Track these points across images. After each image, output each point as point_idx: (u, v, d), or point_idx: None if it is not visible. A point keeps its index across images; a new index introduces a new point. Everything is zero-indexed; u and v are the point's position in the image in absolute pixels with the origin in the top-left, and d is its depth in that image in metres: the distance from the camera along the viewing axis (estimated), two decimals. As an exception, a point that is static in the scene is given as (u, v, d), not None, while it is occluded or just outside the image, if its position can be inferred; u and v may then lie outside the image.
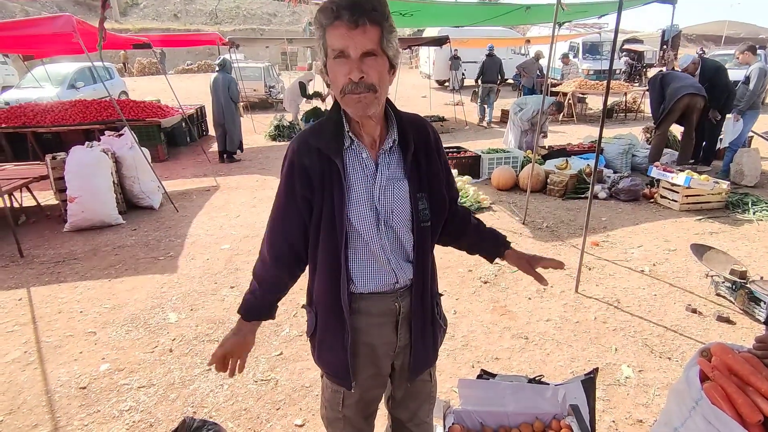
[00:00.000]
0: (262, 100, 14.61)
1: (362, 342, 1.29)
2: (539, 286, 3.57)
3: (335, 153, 1.17)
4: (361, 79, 1.05)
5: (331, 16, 1.02)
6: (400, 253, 1.27)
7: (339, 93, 1.10)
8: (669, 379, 2.53)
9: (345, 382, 1.30)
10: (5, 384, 2.58)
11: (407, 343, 1.33)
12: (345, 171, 1.18)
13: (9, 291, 3.62)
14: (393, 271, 1.24)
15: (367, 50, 1.04)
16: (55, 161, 4.88)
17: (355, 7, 1.01)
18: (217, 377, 2.61)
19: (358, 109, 1.10)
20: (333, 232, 1.20)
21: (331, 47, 1.06)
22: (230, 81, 7.64)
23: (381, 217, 1.21)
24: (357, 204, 1.19)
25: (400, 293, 1.28)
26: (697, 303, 3.27)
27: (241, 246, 4.42)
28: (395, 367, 1.38)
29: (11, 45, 6.71)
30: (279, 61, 26.24)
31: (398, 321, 1.29)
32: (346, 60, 1.05)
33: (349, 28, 1.02)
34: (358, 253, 1.23)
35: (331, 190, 1.18)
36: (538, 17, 7.29)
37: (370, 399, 1.41)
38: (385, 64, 1.09)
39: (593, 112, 12.90)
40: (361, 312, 1.27)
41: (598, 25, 19.09)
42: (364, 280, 1.24)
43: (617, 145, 6.54)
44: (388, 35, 1.07)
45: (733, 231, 4.52)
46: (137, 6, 38.57)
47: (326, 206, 1.19)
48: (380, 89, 1.09)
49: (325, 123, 1.21)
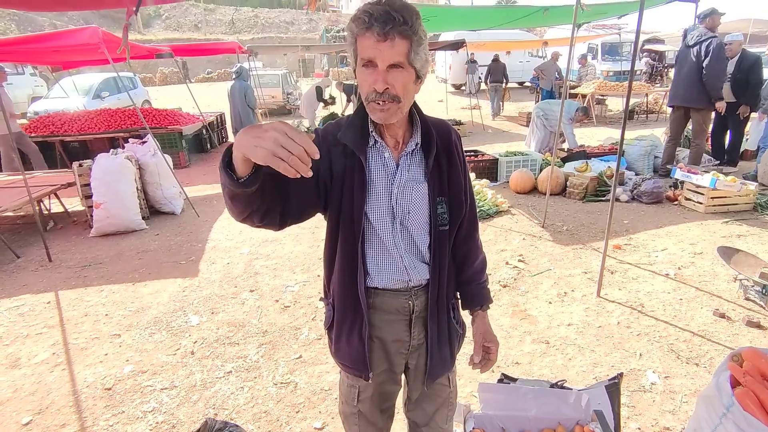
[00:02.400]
0: (281, 106, 14.81)
1: (375, 336, 1.31)
2: (560, 290, 3.51)
3: (360, 149, 1.19)
4: (385, 90, 1.08)
5: (363, 26, 1.05)
6: (415, 253, 1.28)
7: (365, 99, 1.13)
8: (697, 386, 2.45)
9: (362, 372, 1.31)
10: (35, 384, 2.65)
11: (422, 343, 1.34)
12: (367, 167, 1.21)
13: (38, 294, 3.73)
14: (405, 269, 1.26)
15: (394, 62, 1.06)
16: (82, 168, 5.02)
17: (386, 19, 1.03)
18: (237, 380, 2.64)
19: (380, 117, 1.13)
20: (351, 226, 1.22)
21: (360, 55, 1.09)
22: (246, 88, 7.77)
23: (397, 217, 1.23)
24: (375, 201, 1.22)
25: (414, 292, 1.29)
26: (726, 307, 3.17)
27: (260, 250, 4.47)
28: (409, 367, 1.39)
29: (41, 57, 6.96)
30: (297, 68, 26.55)
31: (411, 319, 1.30)
32: (374, 70, 1.08)
33: (378, 40, 1.04)
34: (373, 247, 1.26)
35: (352, 184, 1.20)
36: (557, 19, 7.23)
37: (384, 394, 1.43)
38: (411, 75, 1.11)
39: (613, 114, 12.70)
40: (375, 308, 1.29)
41: (617, 25, 18.79)
42: (378, 275, 1.26)
43: (639, 147, 6.40)
44: (416, 48, 1.08)
45: (762, 233, 4.38)
46: (159, 17, 39.61)
47: (345, 200, 1.21)
48: (404, 100, 1.12)
49: (352, 120, 1.23)
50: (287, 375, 2.68)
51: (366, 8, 1.05)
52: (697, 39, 5.66)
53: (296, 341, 3.01)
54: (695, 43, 5.67)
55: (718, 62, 5.52)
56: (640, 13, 2.97)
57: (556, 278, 3.70)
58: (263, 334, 3.09)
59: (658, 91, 12.17)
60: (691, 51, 5.70)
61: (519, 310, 3.27)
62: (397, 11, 1.03)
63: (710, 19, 5.65)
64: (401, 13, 1.04)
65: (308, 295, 3.57)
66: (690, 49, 5.74)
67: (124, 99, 11.53)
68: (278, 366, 2.77)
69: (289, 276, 3.90)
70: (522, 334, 2.99)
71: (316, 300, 3.47)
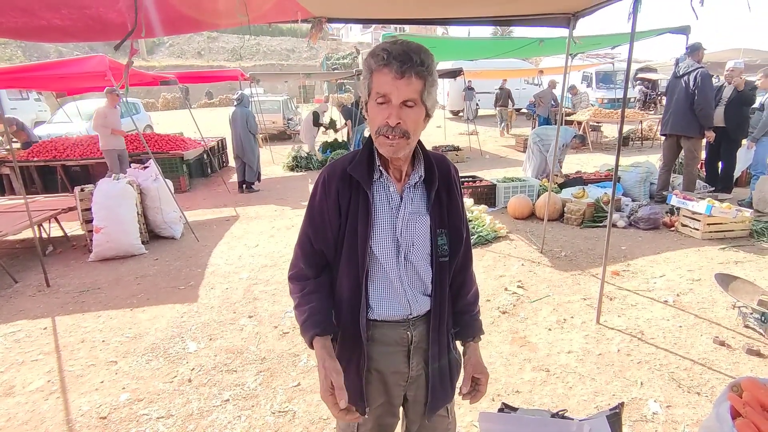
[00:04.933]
0: (281, 131, 15.01)
1: (373, 369, 1.31)
2: (559, 317, 3.51)
3: (367, 183, 1.22)
4: (397, 125, 1.12)
5: (381, 63, 1.10)
6: (417, 286, 1.30)
7: (374, 132, 1.17)
8: (699, 416, 2.43)
9: (359, 407, 1.30)
10: (28, 413, 2.61)
11: (420, 374, 1.34)
12: (372, 202, 1.24)
13: (35, 320, 3.70)
14: (408, 303, 1.28)
15: (408, 99, 1.12)
16: (83, 193, 5.06)
17: (405, 59, 1.09)
18: (234, 408, 2.61)
19: (389, 151, 1.17)
20: (355, 260, 1.24)
21: (375, 90, 1.14)
22: (248, 114, 7.91)
23: (402, 250, 1.26)
24: (380, 235, 1.25)
25: (412, 322, 1.30)
26: (725, 335, 3.16)
27: (259, 275, 4.47)
28: (408, 399, 1.39)
29: (48, 84, 7.10)
30: (297, 95, 27.01)
31: (410, 350, 1.31)
32: (387, 105, 1.13)
33: (395, 77, 1.09)
34: (376, 281, 1.27)
35: (356, 218, 1.23)
36: (552, 50, 7.43)
37: (383, 426, 1.42)
38: (422, 113, 1.17)
39: (608, 140, 12.88)
40: (374, 340, 1.30)
41: (611, 55, 19.28)
42: (380, 308, 1.28)
43: (635, 173, 6.49)
44: (429, 88, 1.15)
45: (759, 260, 4.40)
46: (164, 44, 40.46)
47: (350, 234, 1.24)
48: (413, 136, 1.17)
49: (360, 154, 1.27)
50: (285, 403, 2.65)
51: (384, 46, 1.12)
52: (685, 70, 5.87)
53: (295, 368, 2.99)
54: (684, 73, 5.87)
55: (709, 91, 5.71)
56: (630, 44, 3.07)
57: (556, 305, 3.69)
58: (261, 361, 3.06)
59: (652, 118, 12.38)
60: (681, 81, 5.88)
61: (519, 337, 3.25)
62: (415, 52, 1.10)
63: (696, 53, 5.92)
64: (419, 54, 1.10)
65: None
66: (679, 80, 5.93)
67: (127, 124, 11.67)
68: (276, 394, 2.73)
69: (288, 301, 3.89)
70: (522, 362, 2.97)
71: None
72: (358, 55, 33.82)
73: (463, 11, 3.33)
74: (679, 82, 5.89)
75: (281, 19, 2.77)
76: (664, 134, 6.32)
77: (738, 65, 6.07)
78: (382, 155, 1.25)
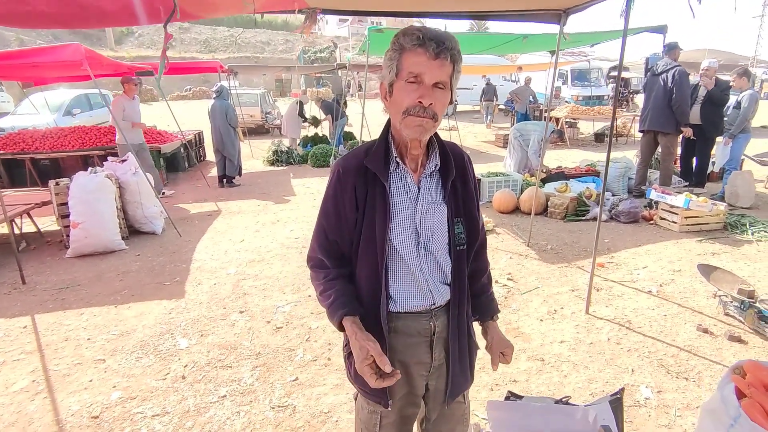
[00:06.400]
0: (259, 125, 14.76)
1: (397, 361, 1.30)
2: (550, 308, 3.58)
3: (384, 175, 1.21)
4: (429, 105, 1.12)
5: (416, 42, 1.11)
6: (438, 276, 1.30)
7: (401, 113, 1.15)
8: (688, 399, 2.53)
9: (382, 400, 1.30)
10: (15, 414, 2.50)
11: (442, 363, 1.35)
12: (390, 193, 1.23)
13: (13, 319, 3.54)
14: (430, 293, 1.28)
15: (440, 81, 1.13)
16: (59, 187, 4.85)
17: (440, 41, 1.10)
18: (232, 404, 2.56)
19: (416, 132, 1.16)
20: (374, 253, 1.23)
21: (407, 70, 1.13)
22: (227, 107, 7.72)
23: (421, 241, 1.26)
24: (399, 227, 1.24)
25: (434, 312, 1.30)
26: (708, 323, 3.30)
27: (247, 270, 4.39)
28: (429, 388, 1.38)
29: (15, 73, 6.76)
30: (273, 88, 26.61)
31: (433, 341, 1.31)
32: (419, 85, 1.12)
33: (430, 58, 1.10)
34: (397, 273, 1.27)
35: (374, 210, 1.22)
36: (535, 46, 7.53)
37: (405, 418, 1.41)
38: (448, 96, 1.18)
39: (584, 137, 13.19)
40: (397, 331, 1.29)
41: (584, 53, 19.74)
42: (402, 299, 1.27)
43: (614, 168, 6.67)
44: (456, 74, 1.17)
45: (733, 251, 4.60)
46: (132, 35, 39.15)
47: (368, 227, 1.23)
48: (439, 118, 1.18)
49: (375, 146, 1.26)
50: (284, 398, 2.62)
51: (415, 28, 1.12)
52: (664, 68, 6.06)
53: (291, 363, 2.95)
54: (662, 71, 6.05)
55: (686, 88, 5.91)
56: (623, 42, 3.14)
57: (545, 296, 3.77)
58: (257, 357, 3.02)
59: (626, 116, 12.75)
60: (659, 79, 6.06)
61: (512, 328, 3.31)
62: (447, 37, 1.12)
63: (673, 52, 6.13)
64: (451, 39, 1.12)
65: (300, 315, 3.51)
66: (657, 78, 6.11)
67: (96, 116, 11.26)
68: (274, 389, 2.70)
69: (279, 296, 3.84)
70: (517, 352, 3.02)
71: (309, 320, 3.42)
72: (335, 48, 33.52)
73: (458, 6, 3.34)
74: (657, 79, 6.08)
75: (281, 8, 2.71)
76: (642, 131, 6.51)
77: (712, 64, 6.30)
78: (398, 146, 1.24)
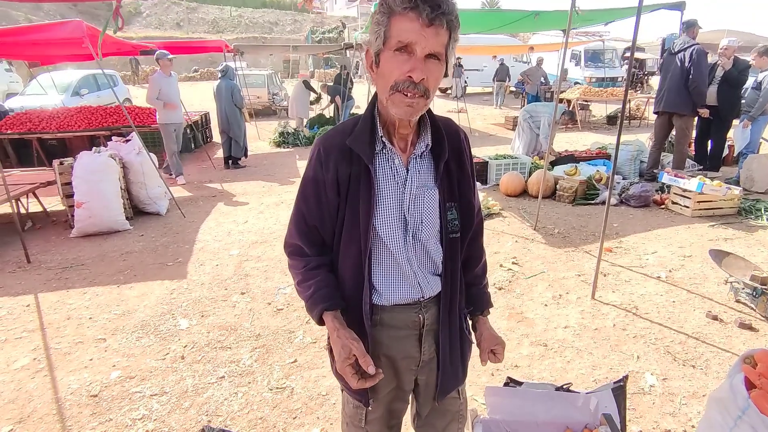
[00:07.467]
0: (266, 107, 14.64)
1: (382, 355, 1.22)
2: (555, 293, 3.51)
3: (369, 157, 1.10)
4: (421, 81, 0.99)
5: (407, 5, 0.95)
6: (428, 267, 1.21)
7: (388, 88, 1.02)
8: (695, 388, 2.47)
9: (363, 399, 1.23)
10: (15, 392, 2.52)
11: (432, 357, 1.26)
12: (375, 176, 1.12)
13: (17, 297, 3.56)
14: (419, 285, 1.18)
15: (434, 52, 0.98)
16: (63, 167, 4.84)
17: (435, 4, 0.95)
18: (230, 385, 2.55)
19: (405, 112, 1.03)
20: (357, 242, 1.13)
21: (396, 38, 0.98)
22: (233, 87, 7.63)
23: (409, 229, 1.15)
24: (385, 213, 1.13)
25: (424, 304, 1.21)
26: (717, 310, 3.21)
27: (250, 252, 4.37)
28: (419, 383, 1.31)
29: (20, 51, 6.71)
30: (281, 69, 26.34)
31: (422, 334, 1.23)
32: (409, 57, 0.98)
33: (423, 24, 0.95)
34: (382, 264, 1.17)
35: (358, 195, 1.11)
36: (547, 24, 7.29)
37: (393, 412, 1.35)
38: (443, 70, 1.03)
39: (597, 119, 12.91)
40: (383, 324, 1.20)
41: (599, 33, 19.18)
42: (387, 292, 1.17)
43: (626, 151, 6.50)
44: (453, 42, 1.02)
45: (747, 237, 4.47)
46: (140, 15, 38.86)
47: (351, 212, 1.12)
48: (431, 96, 1.04)
49: (359, 124, 1.14)
50: (283, 380, 2.61)
51: None
52: (681, 46, 5.81)
53: (291, 345, 2.93)
54: (680, 50, 5.80)
55: (704, 68, 5.68)
56: (637, 18, 3.00)
57: (551, 281, 3.70)
58: (256, 338, 3.00)
59: (639, 98, 12.41)
60: (677, 57, 5.82)
61: (515, 313, 3.25)
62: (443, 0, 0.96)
63: (692, 30, 5.85)
64: (446, 2, 0.96)
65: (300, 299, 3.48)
66: (675, 56, 5.86)
67: (104, 97, 11.23)
68: (273, 370, 2.68)
69: (280, 278, 3.81)
70: (520, 337, 2.97)
71: (309, 303, 3.39)
72: (344, 29, 33.02)
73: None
74: (674, 59, 5.84)
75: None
76: (656, 112, 6.30)
77: (732, 43, 6.04)
78: (385, 124, 1.12)
